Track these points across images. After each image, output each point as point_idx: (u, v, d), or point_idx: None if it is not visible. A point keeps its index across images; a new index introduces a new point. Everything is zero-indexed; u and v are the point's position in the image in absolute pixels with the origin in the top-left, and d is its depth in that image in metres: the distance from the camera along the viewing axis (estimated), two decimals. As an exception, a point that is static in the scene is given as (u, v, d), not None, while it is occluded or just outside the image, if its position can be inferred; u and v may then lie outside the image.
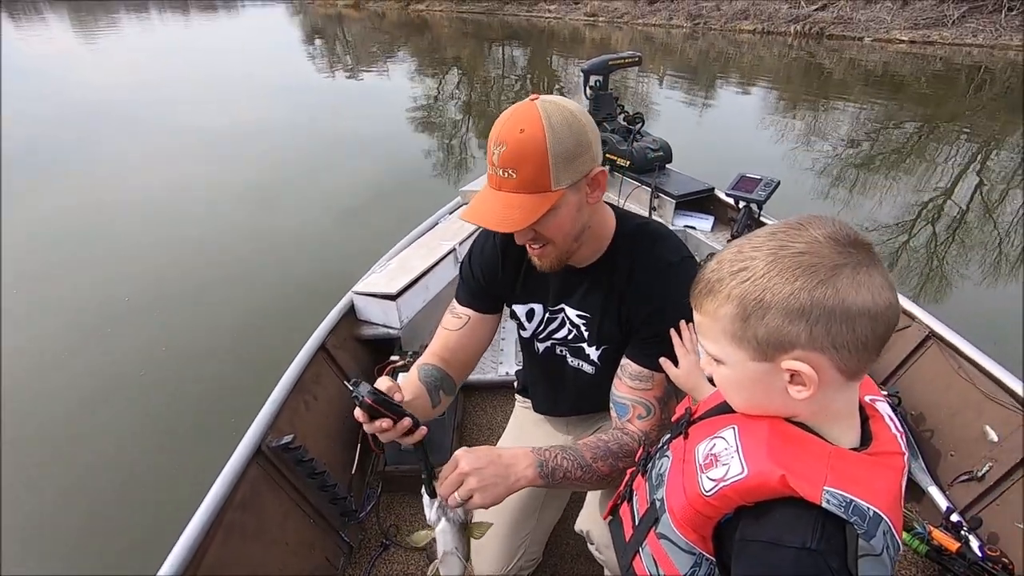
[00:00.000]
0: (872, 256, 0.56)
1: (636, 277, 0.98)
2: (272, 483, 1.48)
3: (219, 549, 1.25)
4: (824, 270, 0.54)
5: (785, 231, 0.57)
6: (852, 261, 0.54)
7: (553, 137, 0.83)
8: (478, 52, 16.37)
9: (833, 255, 0.54)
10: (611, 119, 3.16)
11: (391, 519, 1.80)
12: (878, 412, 0.65)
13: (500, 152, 0.84)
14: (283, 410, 1.60)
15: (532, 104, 0.85)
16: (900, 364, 1.98)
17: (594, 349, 1.08)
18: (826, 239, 0.55)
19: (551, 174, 0.84)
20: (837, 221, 0.57)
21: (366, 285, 2.14)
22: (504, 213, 0.86)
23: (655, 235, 1.01)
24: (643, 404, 0.99)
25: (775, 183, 2.57)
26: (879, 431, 0.62)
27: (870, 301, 0.54)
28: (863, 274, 0.54)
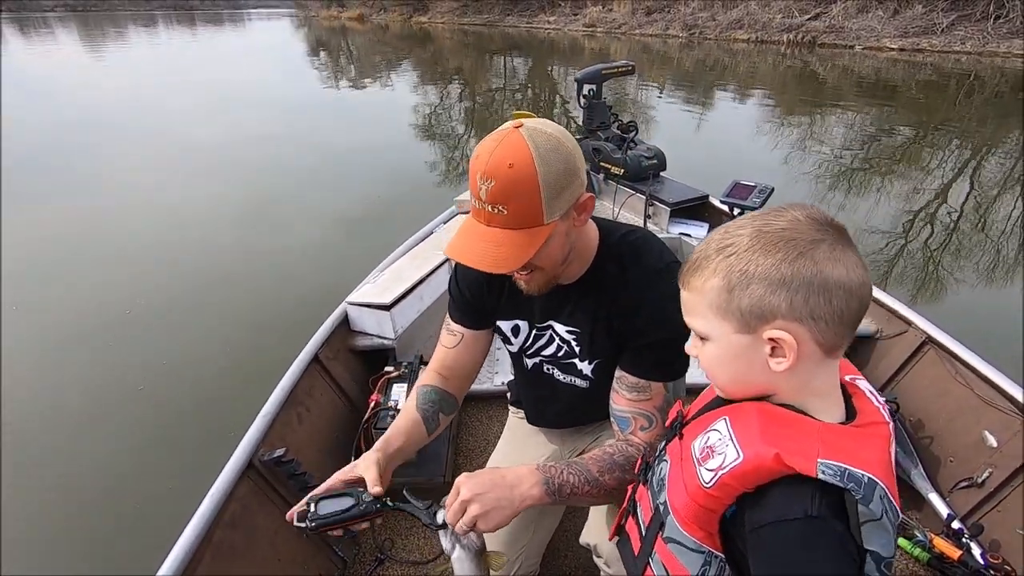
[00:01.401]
0: (846, 237, 0.60)
1: (624, 288, 0.96)
2: (263, 498, 1.46)
3: (208, 570, 1.22)
4: (804, 244, 0.58)
5: (768, 213, 0.61)
6: (829, 238, 0.58)
7: (544, 170, 0.80)
8: (479, 63, 16.50)
9: (812, 231, 0.58)
10: (605, 127, 3.18)
11: (385, 533, 1.77)
12: (859, 389, 0.67)
13: (488, 187, 0.80)
14: (275, 423, 1.57)
15: (518, 134, 0.81)
16: (898, 370, 1.97)
17: (587, 364, 1.07)
18: (805, 218, 0.59)
19: (544, 209, 0.82)
20: (815, 206, 0.61)
21: (360, 295, 2.12)
22: (496, 252, 0.83)
23: (639, 244, 0.99)
24: (644, 415, 0.98)
25: (769, 190, 2.57)
26: (862, 406, 0.65)
27: (845, 275, 0.57)
28: (839, 251, 0.58)
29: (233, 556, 1.30)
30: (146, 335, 3.43)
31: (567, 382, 1.13)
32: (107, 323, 3.52)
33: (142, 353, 3.25)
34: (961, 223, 5.22)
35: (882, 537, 0.56)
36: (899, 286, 4.06)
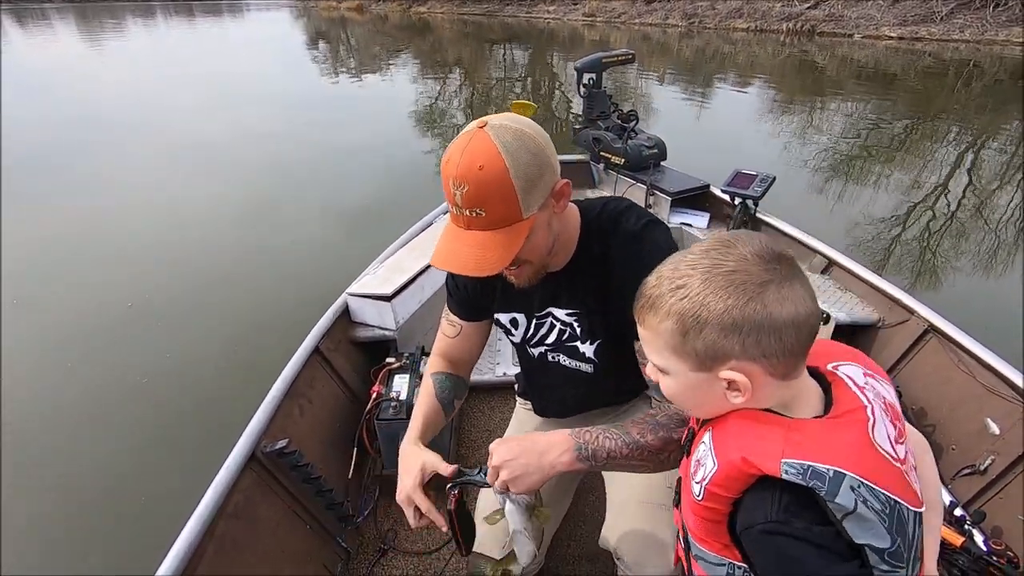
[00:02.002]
0: (794, 269, 0.61)
1: (611, 261, 0.97)
2: (267, 490, 1.46)
3: (212, 562, 1.22)
4: (753, 287, 0.58)
5: (717, 249, 0.62)
6: (777, 277, 0.59)
7: (515, 165, 0.79)
8: (479, 53, 16.39)
9: (760, 272, 0.59)
10: (605, 116, 3.15)
11: (389, 523, 1.77)
12: (839, 377, 0.67)
13: (463, 192, 0.80)
14: (277, 415, 1.57)
15: (483, 133, 0.80)
16: (900, 358, 1.97)
17: (588, 345, 1.07)
18: (753, 256, 0.60)
19: (520, 204, 0.82)
20: (762, 238, 0.62)
21: (360, 286, 2.11)
22: (480, 255, 0.83)
23: (615, 213, 0.99)
24: None
25: (771, 179, 2.56)
26: (839, 395, 0.65)
27: (794, 312, 0.58)
28: (787, 288, 0.59)
29: (236, 548, 1.29)
30: (147, 331, 3.40)
31: (572, 367, 1.13)
32: (108, 320, 3.50)
33: (144, 349, 3.23)
34: (959, 212, 5.22)
35: (868, 529, 0.56)
36: (895, 275, 4.05)
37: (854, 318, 2.11)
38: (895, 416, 0.65)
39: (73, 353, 3.21)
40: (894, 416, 0.65)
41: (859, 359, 0.72)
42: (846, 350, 0.73)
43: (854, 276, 2.24)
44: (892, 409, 0.66)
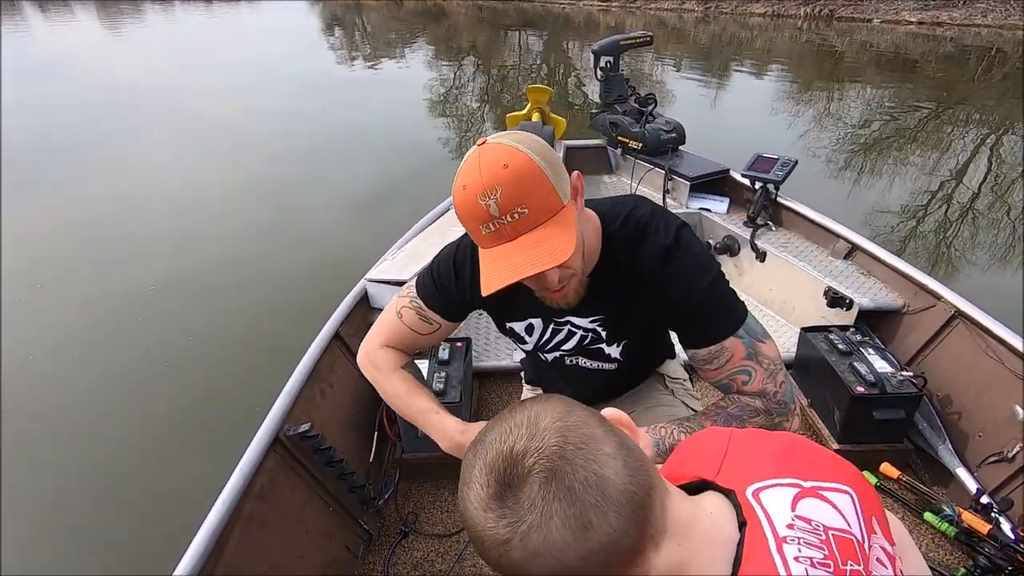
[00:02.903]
0: (552, 498, 0.42)
1: (641, 272, 0.93)
2: (290, 472, 1.47)
3: (239, 542, 1.23)
4: (493, 546, 0.44)
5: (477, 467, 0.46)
6: (518, 532, 0.43)
7: (536, 156, 0.77)
8: (494, 39, 16.24)
9: (495, 529, 0.43)
10: (622, 100, 3.12)
11: (409, 506, 1.78)
12: (755, 515, 0.49)
13: (496, 200, 0.75)
14: (299, 399, 1.58)
15: (489, 145, 0.78)
16: (925, 344, 1.94)
17: (615, 347, 1.04)
18: (485, 508, 0.44)
19: (556, 188, 0.78)
20: (516, 443, 0.45)
21: (379, 272, 2.11)
22: (544, 249, 0.77)
23: (641, 222, 0.94)
24: (738, 373, 0.94)
25: (792, 162, 2.52)
26: (751, 550, 0.47)
27: (556, 566, 0.43)
28: (537, 540, 0.42)
29: (263, 528, 1.30)
30: (169, 314, 3.47)
31: (594, 367, 1.10)
32: (131, 302, 3.56)
33: (165, 332, 3.29)
34: (977, 202, 5.11)
35: None
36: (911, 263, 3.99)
37: (878, 303, 2.07)
38: (848, 553, 0.46)
39: (98, 334, 3.28)
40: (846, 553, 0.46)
41: (793, 465, 0.53)
42: (779, 448, 0.55)
43: (878, 261, 2.20)
44: (843, 544, 0.47)
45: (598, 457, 0.44)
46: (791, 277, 2.38)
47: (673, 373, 1.26)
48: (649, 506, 0.45)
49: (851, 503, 0.50)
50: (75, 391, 2.87)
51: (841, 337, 1.94)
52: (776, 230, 2.58)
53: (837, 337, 1.94)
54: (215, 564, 1.16)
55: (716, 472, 0.55)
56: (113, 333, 3.29)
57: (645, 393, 1.23)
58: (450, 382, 1.78)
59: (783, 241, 2.51)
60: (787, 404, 0.93)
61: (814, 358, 1.94)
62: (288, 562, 1.35)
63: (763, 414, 0.92)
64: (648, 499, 0.45)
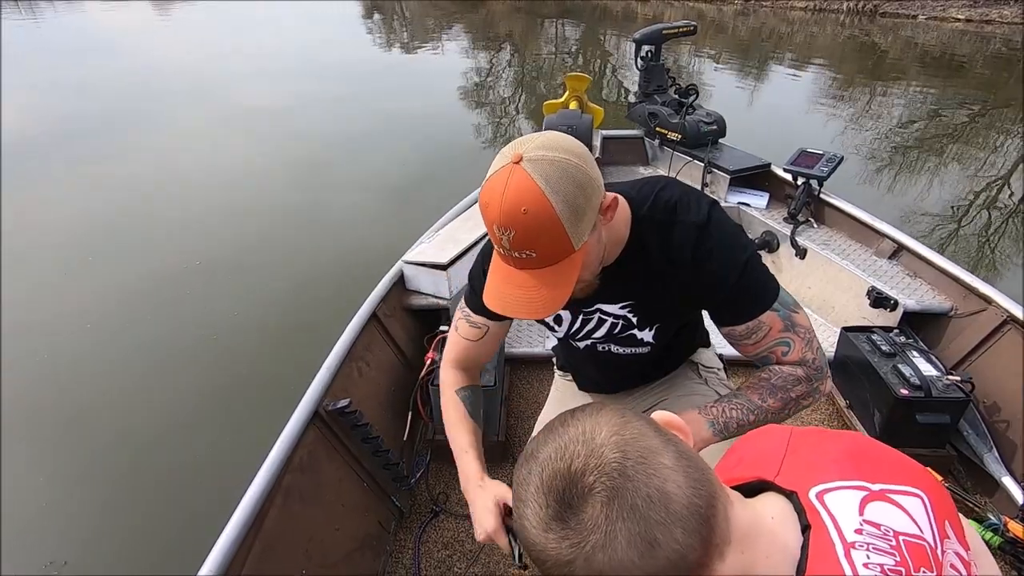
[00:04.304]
0: (615, 517, 0.42)
1: (672, 253, 0.91)
2: (328, 447, 1.49)
3: (279, 512, 1.26)
4: (558, 566, 0.43)
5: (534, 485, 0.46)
6: (582, 553, 0.42)
7: (560, 202, 0.73)
8: (531, 28, 16.10)
9: (558, 551, 0.43)
10: (662, 91, 3.07)
11: (440, 487, 1.80)
12: (820, 521, 0.47)
13: (510, 237, 0.75)
14: (338, 376, 1.60)
15: (520, 170, 0.73)
16: (973, 349, 1.88)
17: (647, 332, 1.03)
18: (545, 529, 0.44)
19: (571, 239, 0.77)
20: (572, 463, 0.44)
21: (416, 255, 2.12)
22: (538, 295, 0.79)
23: (670, 203, 0.92)
24: (777, 345, 0.94)
25: (838, 159, 2.46)
26: (816, 557, 0.45)
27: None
28: (602, 560, 0.42)
29: (302, 500, 1.33)
30: (214, 288, 3.58)
31: (627, 353, 1.09)
32: (179, 276, 3.68)
33: (211, 306, 3.40)
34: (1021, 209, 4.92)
35: None
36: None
37: (924, 306, 2.02)
38: (920, 559, 0.44)
39: (149, 304, 3.41)
40: (918, 559, 0.44)
41: (859, 467, 0.50)
42: (843, 449, 0.53)
43: (925, 262, 2.13)
44: (914, 550, 0.44)
45: (659, 471, 0.43)
46: (832, 275, 2.33)
47: (707, 362, 1.25)
48: (713, 517, 0.44)
49: (922, 507, 0.48)
50: (122, 364, 2.96)
51: (884, 338, 1.89)
52: (818, 227, 2.52)
53: (880, 338, 1.89)
54: (256, 533, 1.18)
55: (776, 473, 0.53)
56: (161, 303, 3.41)
57: (678, 381, 1.22)
58: (485, 367, 1.78)
59: (825, 238, 2.45)
60: (823, 368, 0.95)
61: (855, 358, 1.90)
62: (324, 534, 1.38)
63: (804, 381, 0.94)
64: (712, 510, 0.44)
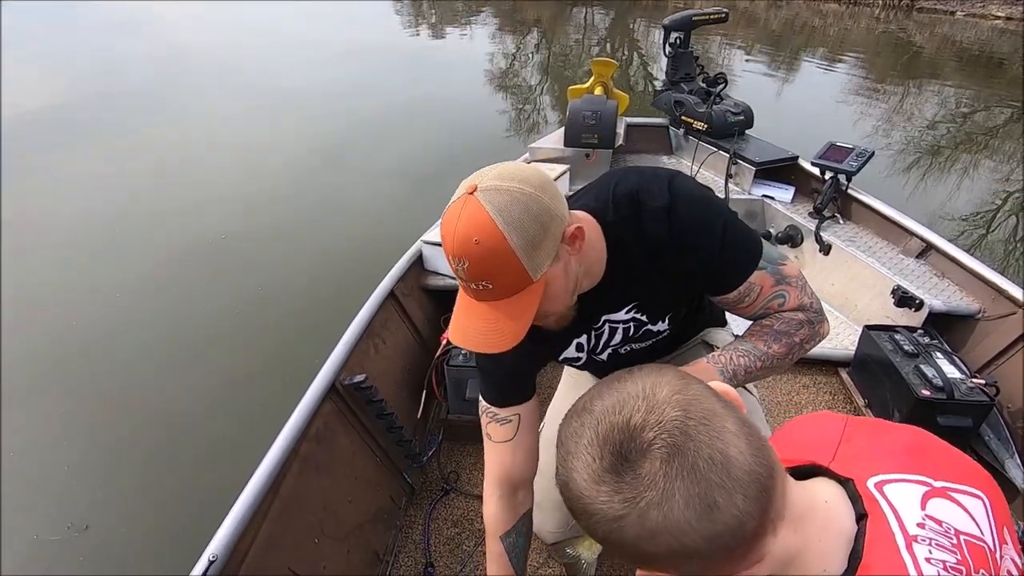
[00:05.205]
0: (674, 476, 0.40)
1: (651, 244, 0.89)
2: (344, 420, 1.51)
3: (295, 479, 1.28)
4: (606, 522, 0.42)
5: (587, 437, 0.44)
6: (636, 508, 0.41)
7: (513, 233, 0.72)
8: (559, 14, 15.90)
9: (610, 504, 0.42)
10: (689, 79, 3.02)
11: (451, 466, 1.81)
12: (879, 511, 0.45)
13: (464, 267, 0.74)
14: (354, 352, 1.61)
15: (473, 201, 0.73)
16: (1000, 353, 1.84)
17: (661, 323, 1.02)
18: (599, 480, 0.42)
19: (527, 269, 0.75)
20: (632, 417, 0.43)
21: (434, 235, 2.12)
22: (496, 328, 0.78)
23: (630, 196, 0.89)
24: (772, 300, 0.93)
25: (869, 154, 2.40)
26: (874, 546, 0.44)
27: (675, 545, 0.41)
28: (656, 517, 0.40)
29: (318, 469, 1.35)
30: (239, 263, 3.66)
31: (648, 346, 1.07)
32: (205, 249, 3.77)
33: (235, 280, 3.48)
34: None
35: None
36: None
37: (951, 307, 1.97)
38: (980, 561, 0.42)
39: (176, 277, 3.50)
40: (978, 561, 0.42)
41: (921, 462, 0.49)
42: (905, 442, 0.51)
43: (954, 262, 2.08)
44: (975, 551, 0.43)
45: (722, 435, 0.42)
46: (856, 273, 2.29)
47: (722, 343, 1.24)
48: (773, 488, 0.43)
49: (983, 509, 0.46)
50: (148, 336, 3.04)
51: (908, 338, 1.85)
52: (844, 223, 2.48)
53: (903, 337, 1.86)
54: (273, 498, 1.20)
55: (831, 458, 0.52)
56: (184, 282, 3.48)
57: (690, 358, 1.21)
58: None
59: (851, 235, 2.40)
60: (821, 311, 0.95)
61: (877, 357, 1.87)
62: (337, 504, 1.40)
63: (807, 324, 0.94)
64: (772, 481, 0.43)
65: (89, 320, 3.10)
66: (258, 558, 1.13)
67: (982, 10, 15.89)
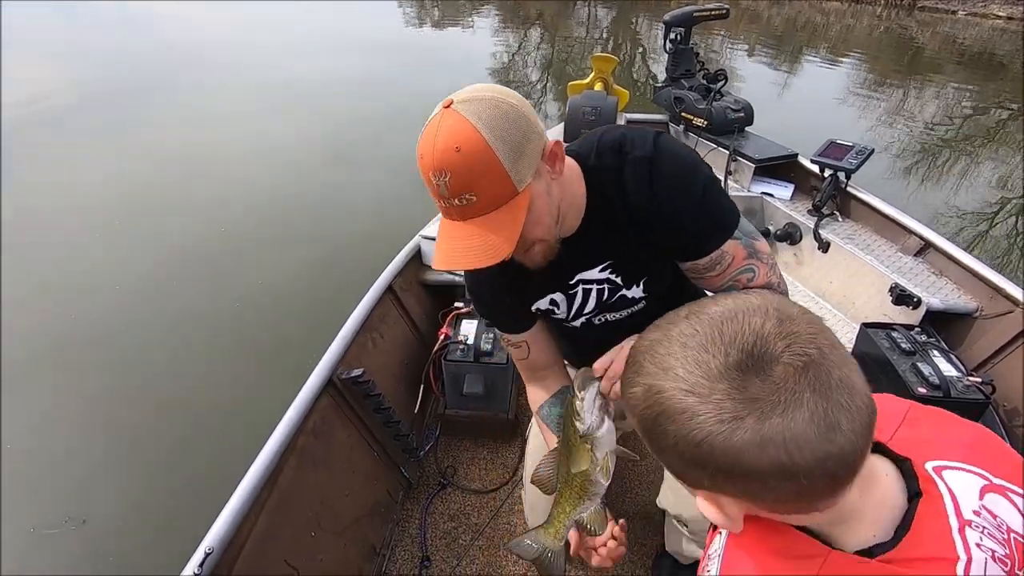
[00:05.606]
0: (801, 388, 0.39)
1: (631, 196, 0.88)
2: (341, 414, 1.51)
3: (293, 471, 1.28)
4: (714, 424, 0.40)
5: (690, 347, 0.43)
6: (757, 410, 0.39)
7: (495, 136, 0.72)
8: (562, 10, 15.86)
9: (728, 402, 0.40)
10: (689, 76, 3.01)
11: (448, 460, 1.81)
12: (936, 493, 0.45)
13: (447, 182, 0.73)
14: (352, 346, 1.61)
15: (451, 112, 0.73)
16: (997, 351, 1.84)
17: (636, 288, 1.00)
18: (724, 375, 0.40)
19: (512, 178, 0.74)
20: (764, 325, 0.41)
21: (434, 229, 2.12)
22: (484, 243, 0.76)
23: (615, 145, 0.89)
24: (741, 273, 0.93)
25: (868, 151, 2.40)
26: (925, 521, 0.44)
27: (784, 460, 0.39)
28: (774, 425, 0.39)
29: (314, 463, 1.35)
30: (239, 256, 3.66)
31: (624, 317, 1.06)
32: (206, 242, 3.77)
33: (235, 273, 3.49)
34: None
35: None
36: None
37: (948, 305, 1.97)
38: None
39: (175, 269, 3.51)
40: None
41: (983, 457, 0.49)
42: (968, 436, 0.51)
43: (952, 260, 2.08)
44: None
45: (847, 362, 0.41)
46: (854, 270, 2.29)
47: None
48: (872, 434, 0.42)
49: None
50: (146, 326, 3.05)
51: (905, 336, 1.85)
52: (843, 221, 2.47)
53: (900, 335, 1.86)
54: (270, 490, 1.20)
55: (889, 437, 0.52)
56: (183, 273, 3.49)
57: None
58: (497, 343, 1.79)
59: (849, 232, 2.40)
60: (787, 292, 0.96)
61: (874, 355, 1.87)
62: (334, 498, 1.40)
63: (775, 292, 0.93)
64: (874, 426, 0.42)
65: (89, 314, 3.10)
66: (254, 551, 1.13)
67: (983, 9, 15.87)
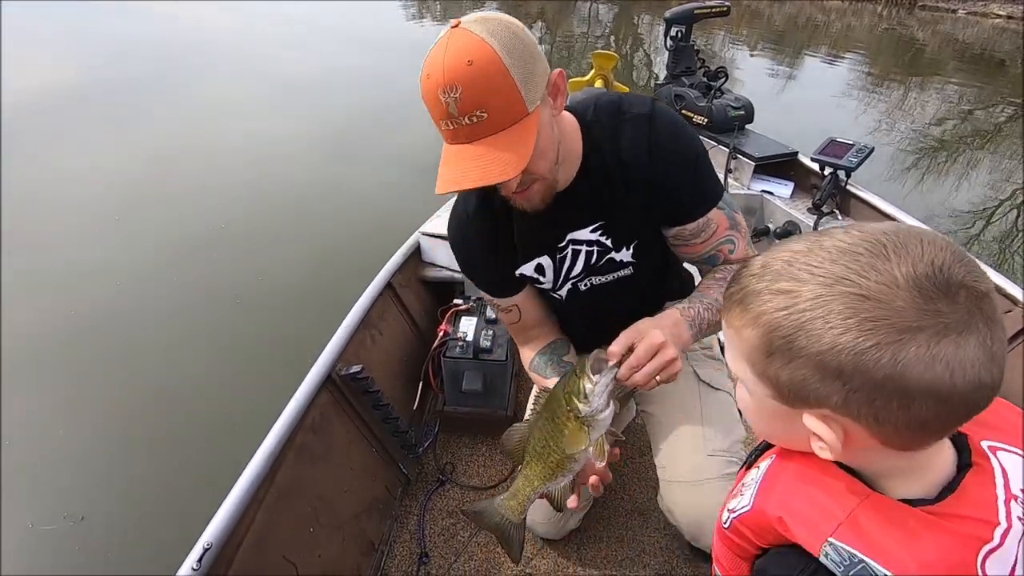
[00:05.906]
0: (976, 314, 0.40)
1: (626, 153, 0.88)
2: (340, 410, 1.51)
3: (291, 468, 1.28)
4: (889, 331, 0.39)
5: (861, 254, 0.42)
6: (937, 324, 0.39)
7: (507, 51, 0.71)
8: (563, 7, 15.85)
9: (911, 311, 0.39)
10: (690, 73, 3.01)
11: (447, 457, 1.81)
12: (987, 466, 0.46)
13: (456, 98, 0.71)
14: (351, 342, 1.61)
15: (462, 30, 0.72)
16: None
17: (625, 252, 1.00)
18: (910, 284, 0.40)
19: (523, 95, 0.72)
20: (944, 250, 0.41)
21: (433, 226, 2.12)
22: (496, 159, 0.73)
23: (613, 105, 0.90)
24: (723, 243, 0.96)
25: (868, 150, 2.40)
26: (970, 490, 0.45)
27: (946, 381, 0.39)
28: (948, 343, 0.39)
29: (313, 459, 1.35)
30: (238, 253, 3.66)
31: (611, 280, 1.05)
32: (203, 237, 3.76)
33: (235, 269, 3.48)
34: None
35: None
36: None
37: None
38: None
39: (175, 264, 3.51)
40: None
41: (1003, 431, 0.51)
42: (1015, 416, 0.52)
43: None
44: None
45: (998, 308, 0.42)
46: (854, 269, 2.29)
47: None
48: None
49: None
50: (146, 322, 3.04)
51: (905, 334, 1.85)
52: (842, 219, 2.47)
53: (900, 334, 1.86)
54: (268, 486, 1.20)
55: None
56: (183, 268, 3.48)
57: None
58: (496, 340, 1.79)
59: None
60: None
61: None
62: (333, 494, 1.40)
63: None
64: None
65: (89, 307, 3.09)
66: (253, 547, 1.13)
67: (983, 8, 15.87)
